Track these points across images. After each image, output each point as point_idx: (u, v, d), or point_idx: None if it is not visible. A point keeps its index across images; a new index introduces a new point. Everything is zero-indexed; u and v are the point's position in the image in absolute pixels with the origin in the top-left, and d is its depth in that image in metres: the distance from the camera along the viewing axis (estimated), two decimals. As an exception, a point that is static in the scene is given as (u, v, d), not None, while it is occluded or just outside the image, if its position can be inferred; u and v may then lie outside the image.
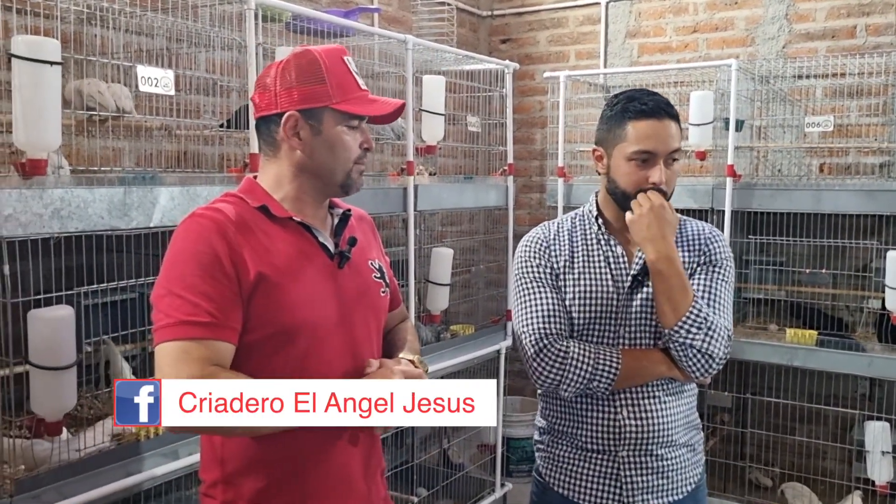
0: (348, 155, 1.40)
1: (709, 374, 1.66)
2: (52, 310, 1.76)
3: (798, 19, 3.76)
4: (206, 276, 1.25)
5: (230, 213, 1.32)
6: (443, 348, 3.14)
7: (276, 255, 1.33)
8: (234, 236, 1.29)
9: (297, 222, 1.38)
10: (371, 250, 1.54)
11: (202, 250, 1.27)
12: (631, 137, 1.65)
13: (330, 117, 1.37)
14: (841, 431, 3.63)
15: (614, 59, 4.24)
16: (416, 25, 3.84)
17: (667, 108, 1.67)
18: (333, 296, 1.39)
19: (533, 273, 1.74)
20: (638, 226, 1.63)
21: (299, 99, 1.35)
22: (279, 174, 1.41)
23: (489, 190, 3.41)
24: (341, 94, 1.37)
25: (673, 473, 1.71)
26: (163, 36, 2.34)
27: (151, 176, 1.98)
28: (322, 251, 1.40)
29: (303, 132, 1.37)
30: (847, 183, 3.32)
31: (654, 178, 1.65)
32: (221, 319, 1.25)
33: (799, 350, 3.23)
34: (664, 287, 1.61)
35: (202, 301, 1.24)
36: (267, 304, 1.30)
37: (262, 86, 1.39)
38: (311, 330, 1.34)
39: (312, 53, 1.37)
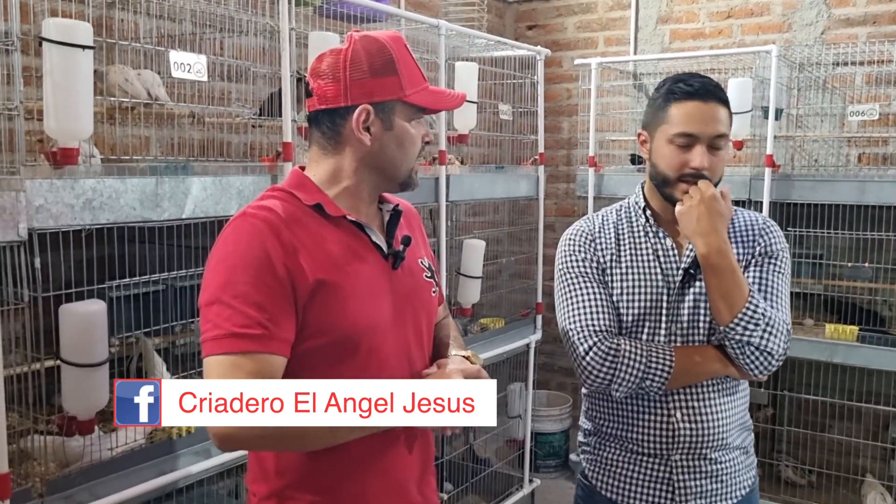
0: (415, 150, 1.33)
1: (768, 372, 1.58)
2: (85, 304, 1.71)
3: (838, 4, 3.64)
4: (259, 283, 1.18)
5: (282, 211, 1.25)
6: (473, 342, 3.08)
7: (332, 257, 1.26)
8: (289, 239, 1.22)
9: (350, 221, 1.31)
10: (420, 248, 1.47)
11: (254, 254, 1.19)
12: (673, 119, 1.58)
13: (401, 111, 1.29)
14: (876, 429, 3.54)
15: (645, 45, 4.14)
16: (443, 11, 3.75)
17: (714, 90, 1.59)
18: (389, 298, 1.32)
19: (578, 268, 1.67)
20: (687, 218, 1.55)
21: (372, 91, 1.26)
22: (338, 169, 1.32)
23: (520, 180, 3.34)
24: (412, 85, 1.29)
25: (727, 477, 1.64)
26: (193, 21, 2.27)
27: (183, 165, 1.92)
28: (376, 251, 1.33)
29: (374, 127, 1.28)
30: (891, 174, 3.21)
31: (696, 163, 1.56)
32: (274, 331, 1.18)
33: (839, 346, 3.14)
34: (717, 283, 1.53)
35: (254, 311, 1.17)
36: (326, 311, 1.23)
37: (325, 75, 1.28)
38: (370, 335, 1.28)
39: (380, 41, 1.28)
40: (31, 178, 1.58)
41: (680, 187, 1.58)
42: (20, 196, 1.54)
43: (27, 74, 1.75)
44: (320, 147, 1.33)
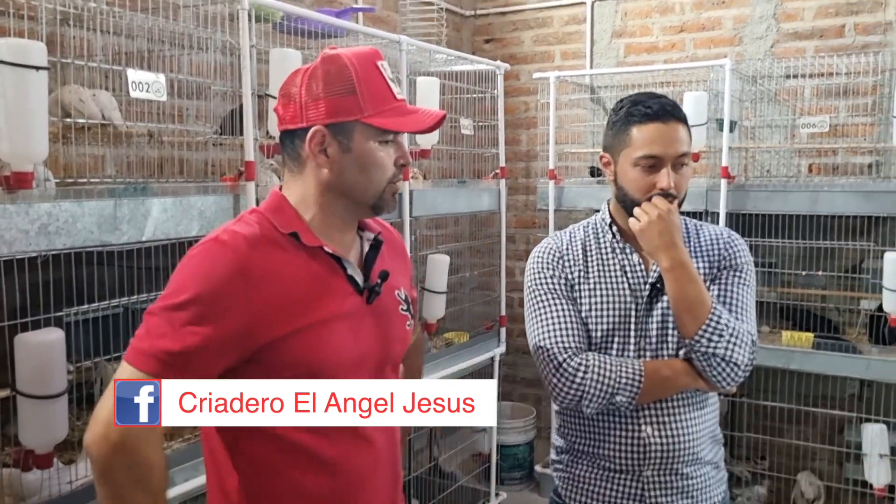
0: (382, 174, 1.27)
1: (735, 383, 1.60)
2: (41, 333, 1.64)
3: (786, 18, 3.74)
4: (208, 316, 1.15)
5: (256, 240, 1.21)
6: (438, 357, 3.07)
7: (301, 291, 1.22)
8: (257, 273, 1.18)
9: (326, 253, 1.27)
10: (399, 278, 1.42)
11: (214, 286, 1.16)
12: (636, 142, 1.59)
13: (361, 132, 1.23)
14: (831, 433, 3.62)
15: (600, 59, 4.19)
16: (401, 26, 3.75)
17: (673, 110, 1.61)
18: (358, 334, 1.28)
19: (547, 285, 1.67)
20: (649, 234, 1.57)
21: (327, 112, 1.22)
22: (305, 193, 1.28)
23: (482, 194, 3.34)
24: (374, 105, 1.23)
25: (698, 493, 1.66)
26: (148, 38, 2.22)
27: (143, 187, 1.87)
28: (350, 285, 1.29)
29: (330, 149, 1.24)
30: (842, 184, 3.30)
31: (662, 184, 1.58)
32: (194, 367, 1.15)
33: (795, 353, 3.21)
34: (681, 295, 1.55)
35: (187, 341, 1.14)
36: (288, 347, 1.20)
37: (287, 95, 1.25)
38: (333, 372, 1.23)
39: (342, 59, 1.23)
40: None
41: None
42: (-28, 223, 1.48)
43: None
44: (288, 169, 1.30)
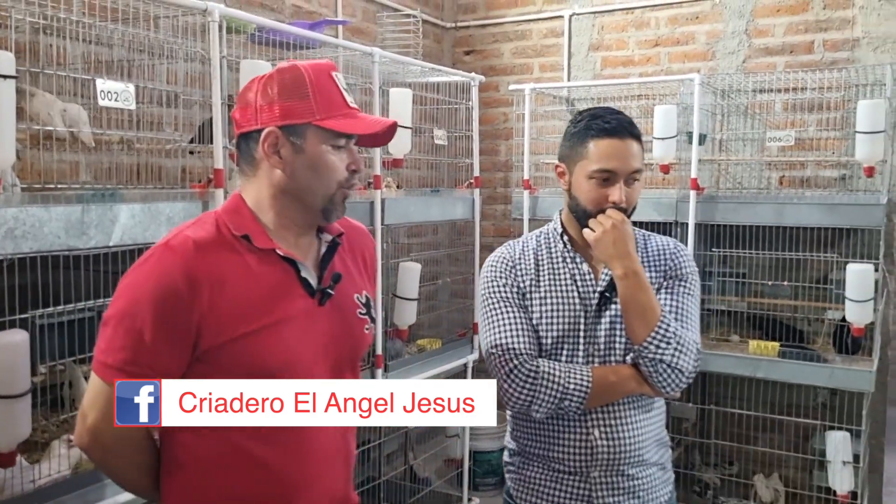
0: (332, 176, 1.31)
1: (679, 389, 1.66)
2: (5, 335, 1.68)
3: (757, 34, 3.82)
4: (158, 321, 1.20)
5: (207, 243, 1.25)
6: (411, 363, 3.11)
7: (251, 294, 1.26)
8: (206, 276, 1.23)
9: (279, 255, 1.31)
10: (359, 281, 1.46)
11: (162, 293, 1.21)
12: (592, 156, 1.65)
13: (313, 135, 1.29)
14: (801, 441, 3.68)
15: (578, 71, 4.26)
16: (380, 37, 3.81)
17: (629, 127, 1.66)
18: (308, 338, 1.32)
19: (500, 293, 1.73)
20: (603, 244, 1.62)
21: (280, 114, 1.27)
22: (259, 195, 1.33)
23: (456, 203, 3.40)
24: (326, 110, 1.28)
25: (644, 493, 1.71)
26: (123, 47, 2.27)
27: (111, 193, 1.91)
28: (303, 287, 1.32)
29: (283, 150, 1.29)
30: (808, 196, 3.37)
31: (614, 198, 1.64)
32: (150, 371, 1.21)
33: (762, 361, 3.27)
34: (633, 303, 1.61)
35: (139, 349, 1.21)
36: (237, 350, 1.25)
37: (244, 101, 1.31)
38: (285, 374, 1.27)
39: (298, 68, 1.30)
40: (-51, 208, 1.57)
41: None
42: (-62, 226, 1.53)
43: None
44: (243, 172, 1.36)
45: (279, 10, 3.31)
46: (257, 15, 3.01)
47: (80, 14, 2.14)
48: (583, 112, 1.74)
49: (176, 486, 1.31)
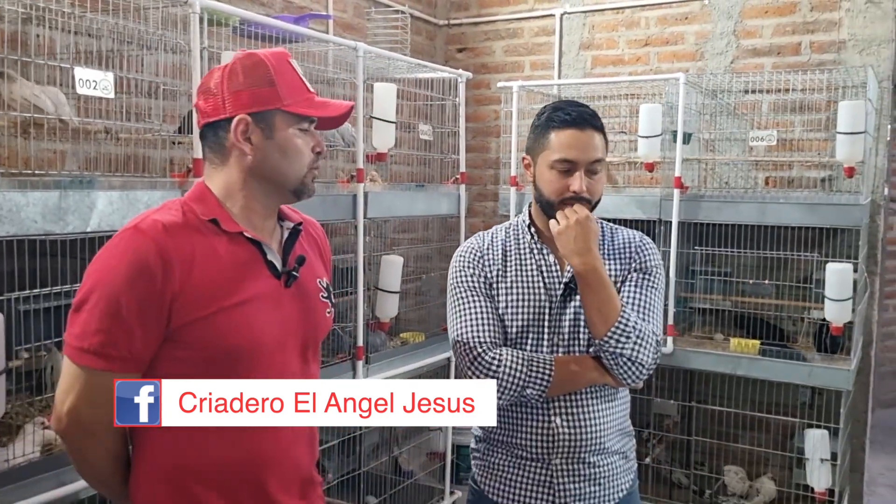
0: (302, 159, 1.36)
1: (639, 381, 1.68)
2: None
3: (745, 35, 3.84)
4: (129, 303, 1.22)
5: (175, 226, 1.28)
6: (392, 356, 3.14)
7: (219, 274, 1.30)
8: (175, 257, 1.25)
9: (246, 238, 1.35)
10: (320, 267, 1.51)
11: (133, 275, 1.23)
12: (553, 146, 1.68)
13: (281, 120, 1.34)
14: (783, 439, 3.70)
15: (568, 70, 4.29)
16: (370, 33, 3.85)
17: (590, 119, 1.69)
18: (276, 317, 1.35)
19: (466, 283, 1.76)
20: (565, 238, 1.65)
21: (249, 102, 1.31)
22: (228, 182, 1.36)
23: (441, 198, 3.43)
24: (291, 95, 1.33)
25: (605, 480, 1.74)
26: (107, 38, 2.30)
27: (89, 180, 1.95)
28: (268, 270, 1.36)
29: (254, 136, 1.33)
30: (790, 196, 3.40)
31: (574, 187, 1.67)
32: (125, 352, 1.24)
33: (742, 359, 3.29)
34: (593, 298, 1.63)
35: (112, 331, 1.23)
36: (205, 330, 1.27)
37: (207, 91, 1.34)
38: (250, 353, 1.31)
39: (258, 56, 1.34)
40: (-74, 192, 1.60)
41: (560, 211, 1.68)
42: (-86, 208, 1.56)
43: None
44: (210, 161, 1.39)
45: (269, 5, 3.34)
46: (248, 9, 3.06)
47: (68, 5, 2.17)
48: (546, 106, 1.77)
49: (149, 454, 1.32)
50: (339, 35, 3.59)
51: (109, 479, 1.36)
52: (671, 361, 3.43)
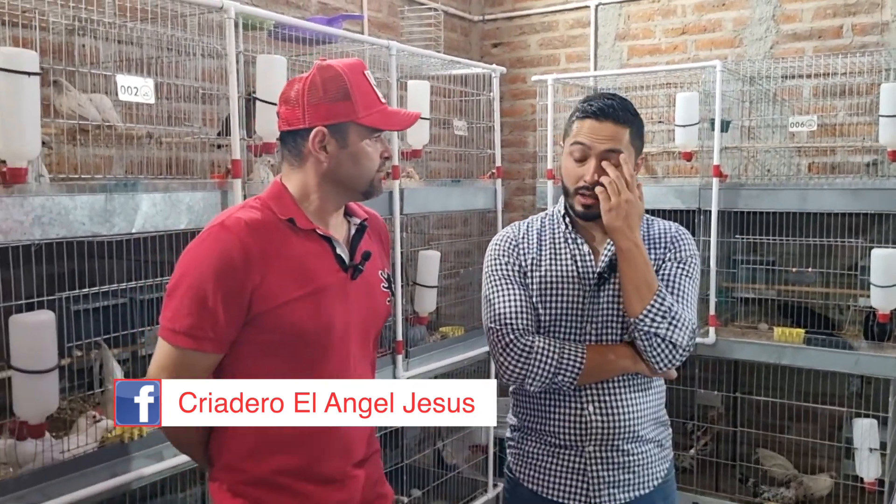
0: (372, 165, 1.49)
1: (672, 365, 1.68)
2: (33, 315, 1.81)
3: (785, 20, 3.78)
4: (217, 290, 1.35)
5: (256, 223, 1.41)
6: (432, 349, 3.18)
7: (295, 267, 1.42)
8: (257, 251, 1.38)
9: (318, 234, 1.47)
10: (382, 259, 1.64)
11: (221, 265, 1.36)
12: (573, 133, 1.72)
13: (355, 131, 1.45)
14: (832, 429, 3.64)
15: (604, 61, 4.27)
16: (405, 31, 3.89)
17: (612, 111, 1.68)
18: (342, 306, 1.48)
19: (501, 270, 1.78)
20: (614, 214, 1.65)
21: (326, 114, 1.42)
22: (305, 183, 1.48)
23: (477, 193, 3.45)
24: (365, 108, 1.44)
25: (639, 468, 1.74)
26: (148, 45, 2.38)
27: (133, 183, 2.02)
28: (337, 263, 1.49)
29: (330, 146, 1.44)
30: (832, 182, 3.33)
31: (587, 178, 1.68)
32: (213, 334, 1.37)
33: (787, 348, 3.25)
34: (632, 275, 1.64)
35: (203, 314, 1.36)
36: (280, 317, 1.40)
37: (288, 100, 1.46)
38: (318, 337, 1.43)
39: (335, 69, 1.44)
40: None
41: (576, 199, 1.71)
42: (-30, 213, 1.65)
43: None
44: (288, 163, 1.51)
45: (304, 7, 3.40)
46: (284, 12, 3.13)
47: (111, 15, 2.25)
48: (587, 96, 1.80)
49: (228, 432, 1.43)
50: (374, 34, 3.65)
51: (194, 446, 1.51)
52: (714, 352, 3.40)
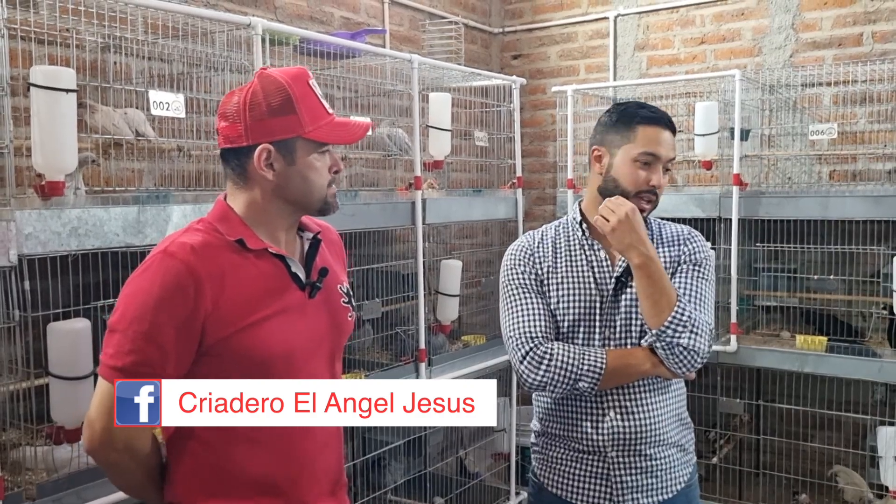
0: (321, 181, 1.40)
1: (694, 369, 1.71)
2: (70, 322, 1.87)
3: (804, 28, 3.79)
4: (164, 324, 1.26)
5: (203, 248, 1.32)
6: (454, 357, 3.21)
7: (249, 291, 1.34)
8: (206, 277, 1.29)
9: (271, 253, 1.39)
10: (340, 273, 1.55)
11: (167, 296, 1.26)
12: (640, 140, 1.74)
13: (302, 146, 1.36)
14: (857, 438, 3.62)
15: (623, 71, 4.30)
16: (426, 44, 3.94)
17: (669, 121, 1.79)
18: (303, 327, 1.40)
19: (518, 279, 1.81)
20: (620, 233, 1.68)
21: (271, 130, 1.33)
22: (251, 202, 1.39)
23: (498, 202, 3.49)
24: (312, 121, 1.36)
25: (662, 473, 1.76)
26: (178, 61, 2.45)
27: (164, 195, 2.09)
28: (293, 282, 1.40)
29: (276, 164, 1.36)
30: (853, 189, 3.34)
31: (654, 181, 1.74)
32: (159, 371, 1.27)
33: (809, 356, 3.24)
34: (650, 290, 1.67)
35: (147, 351, 1.26)
36: (237, 344, 1.31)
37: (228, 115, 1.36)
38: (280, 363, 1.34)
39: (278, 80, 1.35)
40: (20, 209, 1.75)
41: (634, 203, 1.73)
42: (10, 225, 1.71)
43: (17, 115, 1.93)
44: (232, 182, 1.42)
45: (328, 23, 3.47)
46: (308, 27, 3.20)
47: (142, 33, 2.33)
48: (624, 103, 1.85)
49: (184, 463, 1.37)
50: (396, 48, 3.71)
51: (145, 490, 1.41)
52: (736, 360, 3.40)
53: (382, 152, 3.07)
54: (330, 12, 3.48)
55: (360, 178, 3.37)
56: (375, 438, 3.20)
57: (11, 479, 1.84)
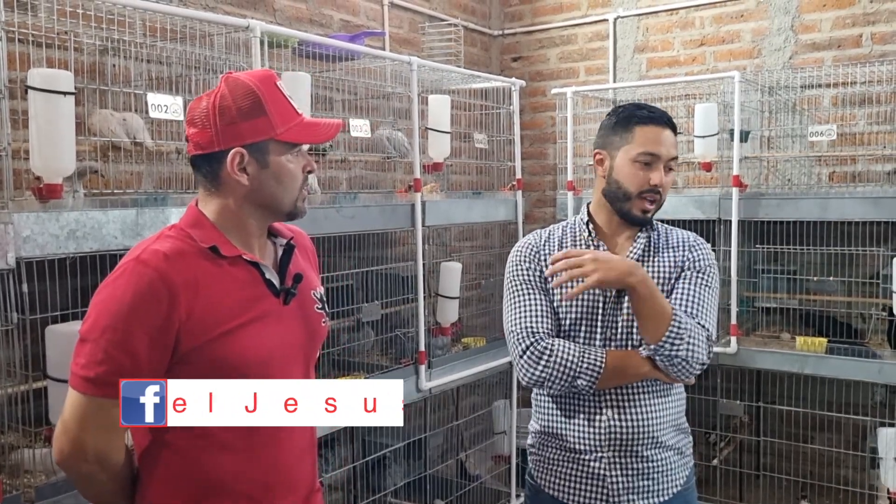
0: (295, 182, 1.39)
1: (692, 377, 1.71)
2: (68, 325, 1.87)
3: (804, 30, 3.79)
4: (140, 333, 1.24)
5: (176, 256, 1.29)
6: (454, 360, 3.21)
7: (223, 298, 1.32)
8: (179, 285, 1.27)
9: (245, 260, 1.37)
10: (313, 278, 1.54)
11: (139, 305, 1.24)
12: (638, 140, 1.75)
13: (275, 148, 1.35)
14: (857, 439, 3.61)
15: (623, 73, 4.30)
16: (426, 46, 3.95)
17: (668, 120, 1.79)
18: (278, 333, 1.39)
19: (522, 276, 1.82)
20: (602, 273, 1.62)
21: (243, 134, 1.32)
22: (224, 208, 1.38)
23: (498, 205, 3.49)
24: (283, 122, 1.34)
25: (658, 475, 1.76)
26: (177, 64, 2.45)
27: (163, 197, 2.09)
28: (268, 289, 1.39)
29: (250, 167, 1.34)
30: (852, 191, 3.34)
31: (656, 181, 1.74)
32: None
33: (809, 358, 3.24)
34: (647, 310, 1.66)
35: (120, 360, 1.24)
36: (212, 352, 1.30)
37: (197, 121, 1.34)
38: (256, 370, 1.33)
39: (247, 83, 1.33)
40: (18, 212, 1.75)
41: (637, 203, 1.75)
42: (8, 228, 1.71)
43: (16, 118, 1.93)
44: (204, 188, 1.39)
45: (327, 25, 3.48)
46: (307, 30, 3.21)
47: (140, 35, 2.33)
48: (622, 105, 1.86)
49: (157, 474, 1.35)
50: (395, 50, 3.72)
51: (116, 501, 1.38)
52: (735, 361, 3.40)
53: (382, 155, 3.07)
54: (329, 15, 3.49)
55: (360, 180, 3.37)
56: (376, 441, 3.20)
57: (10, 482, 1.85)
